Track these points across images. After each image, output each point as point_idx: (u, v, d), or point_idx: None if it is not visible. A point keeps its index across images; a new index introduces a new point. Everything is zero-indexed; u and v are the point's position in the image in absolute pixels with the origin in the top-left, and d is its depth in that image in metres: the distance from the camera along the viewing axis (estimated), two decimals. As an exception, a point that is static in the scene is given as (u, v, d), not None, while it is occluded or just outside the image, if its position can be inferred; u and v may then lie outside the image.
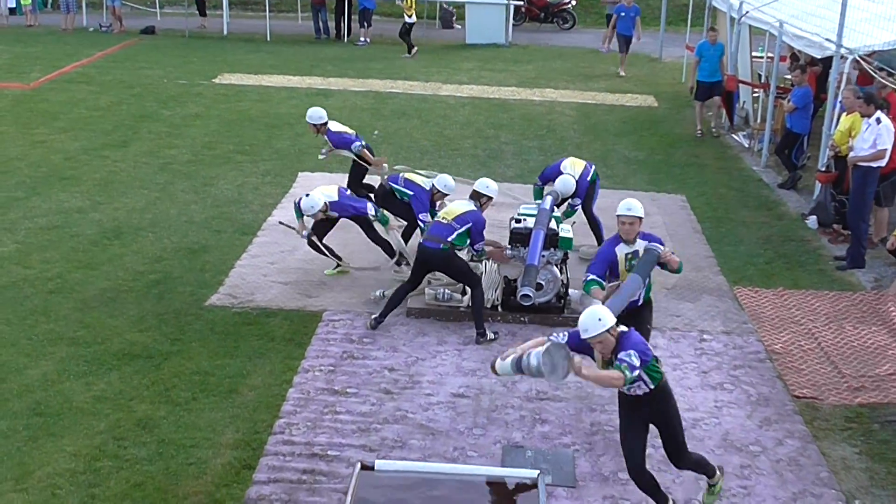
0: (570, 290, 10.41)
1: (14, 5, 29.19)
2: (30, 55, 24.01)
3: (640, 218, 8.54)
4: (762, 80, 18.86)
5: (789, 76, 16.86)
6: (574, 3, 31.48)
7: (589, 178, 11.92)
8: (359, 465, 6.39)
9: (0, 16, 28.76)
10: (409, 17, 25.79)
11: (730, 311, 10.93)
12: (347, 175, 12.75)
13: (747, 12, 18.12)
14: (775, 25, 16.33)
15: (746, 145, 17.80)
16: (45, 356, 9.32)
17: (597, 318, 6.65)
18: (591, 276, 8.46)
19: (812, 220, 13.61)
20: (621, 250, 8.54)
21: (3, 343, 9.53)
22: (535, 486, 6.25)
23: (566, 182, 11.56)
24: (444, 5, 30.55)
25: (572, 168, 11.82)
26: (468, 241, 10.13)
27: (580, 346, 6.79)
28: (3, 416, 8.28)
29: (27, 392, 8.68)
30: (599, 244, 11.84)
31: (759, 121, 18.11)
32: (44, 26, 28.26)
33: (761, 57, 19.73)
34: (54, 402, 8.54)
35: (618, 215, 8.53)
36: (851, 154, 12.44)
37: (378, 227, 11.34)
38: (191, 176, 14.89)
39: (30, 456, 7.77)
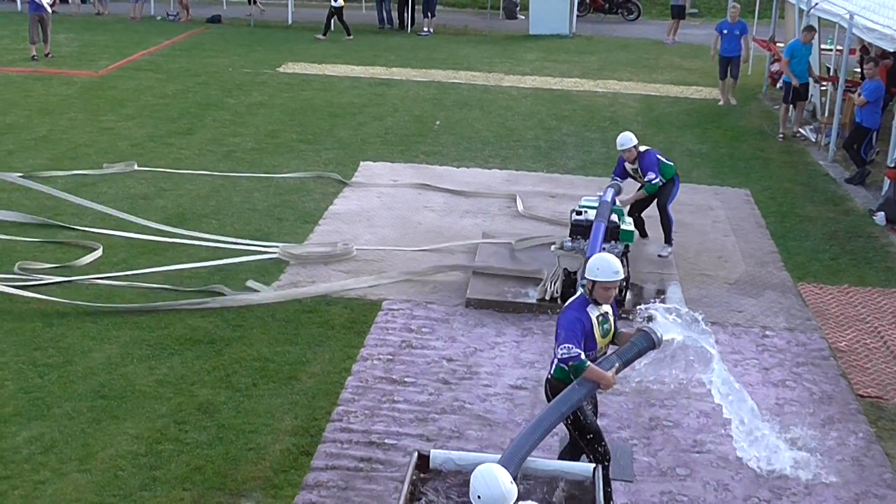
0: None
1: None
2: (99, 43, 24.40)
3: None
4: (830, 73, 18.53)
5: (858, 69, 16.54)
6: (639, -7, 31.23)
7: (663, 161, 11.61)
8: (416, 455, 6.42)
9: (71, 4, 29.24)
10: (336, 1, 25.85)
11: (793, 307, 10.77)
12: None
13: (817, 4, 17.81)
14: (845, 17, 16.03)
15: (813, 139, 17.49)
16: (109, 340, 9.48)
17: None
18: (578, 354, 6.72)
19: (880, 217, 13.36)
20: (593, 312, 7.00)
21: (69, 326, 9.71)
22: (592, 479, 6.23)
23: (624, 135, 11.51)
24: (508, -4, 30.46)
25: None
26: None
27: None
28: (68, 398, 8.44)
29: (91, 375, 8.84)
30: (667, 240, 11.74)
31: (826, 115, 17.79)
32: (113, 15, 28.71)
33: (830, 49, 19.38)
34: (118, 385, 8.68)
35: (603, 281, 6.96)
36: None
37: None
38: (254, 164, 15.03)
39: (93, 437, 7.91)
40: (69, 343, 9.37)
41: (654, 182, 11.42)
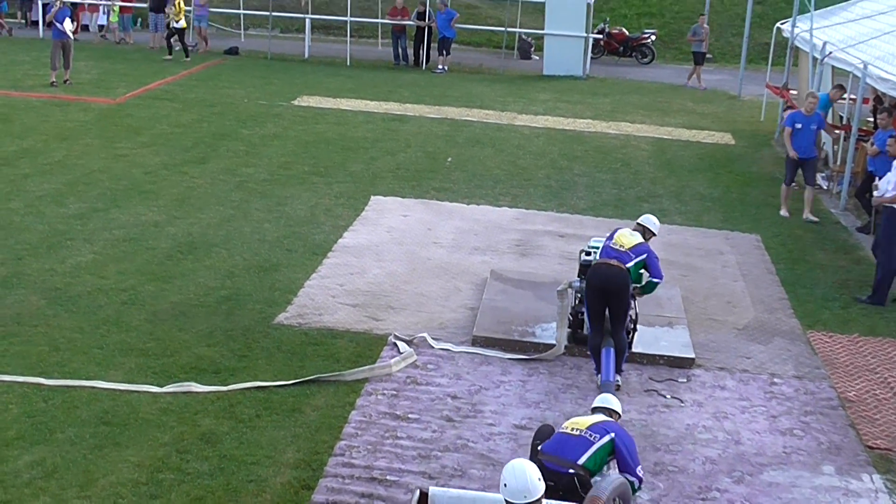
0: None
1: (105, 23, 29.93)
2: (117, 71, 24.58)
3: None
4: (843, 122, 18.55)
5: (871, 119, 16.54)
6: (654, 38, 31.36)
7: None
8: (417, 492, 6.37)
9: (92, 32, 29.53)
10: (178, 22, 26.80)
11: (802, 355, 10.70)
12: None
13: (830, 53, 17.87)
14: (859, 67, 16.07)
15: (825, 187, 17.49)
16: (114, 366, 9.47)
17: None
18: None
19: (891, 267, 13.29)
20: None
21: (75, 351, 9.70)
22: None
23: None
24: (523, 36, 30.64)
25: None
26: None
27: None
28: (71, 424, 8.42)
29: (95, 401, 8.81)
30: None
31: (839, 163, 17.79)
32: (132, 44, 28.96)
33: (843, 99, 19.41)
34: (121, 412, 8.65)
35: None
36: (876, 194, 12.81)
37: None
38: (266, 195, 15.07)
39: (95, 464, 7.87)
40: (74, 368, 9.36)
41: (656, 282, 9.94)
